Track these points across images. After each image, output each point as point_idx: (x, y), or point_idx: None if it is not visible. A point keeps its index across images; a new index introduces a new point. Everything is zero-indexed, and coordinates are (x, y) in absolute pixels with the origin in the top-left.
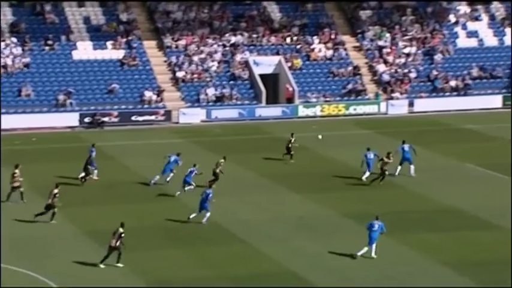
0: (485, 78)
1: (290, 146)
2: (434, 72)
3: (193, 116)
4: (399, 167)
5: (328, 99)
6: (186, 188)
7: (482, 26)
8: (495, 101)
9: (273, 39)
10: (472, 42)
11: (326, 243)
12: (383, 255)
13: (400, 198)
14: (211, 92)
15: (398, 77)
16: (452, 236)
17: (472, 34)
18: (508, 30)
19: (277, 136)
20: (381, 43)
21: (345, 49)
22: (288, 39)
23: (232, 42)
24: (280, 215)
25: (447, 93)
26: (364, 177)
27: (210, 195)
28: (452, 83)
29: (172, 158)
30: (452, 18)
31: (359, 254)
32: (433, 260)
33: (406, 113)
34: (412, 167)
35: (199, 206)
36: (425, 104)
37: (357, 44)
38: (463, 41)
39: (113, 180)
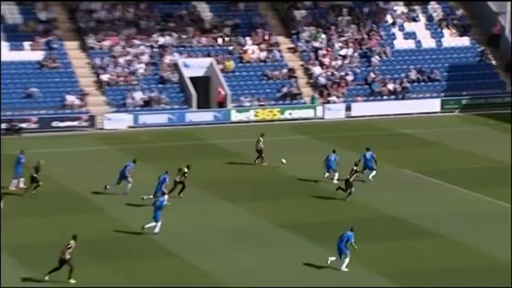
0: (423, 81)
1: (260, 148)
2: (372, 75)
3: (119, 122)
4: (360, 175)
5: (262, 103)
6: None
7: (419, 27)
8: (434, 104)
9: (203, 40)
10: (410, 44)
11: (260, 255)
12: (320, 265)
13: (338, 207)
14: (138, 96)
15: (334, 80)
16: (391, 245)
17: (410, 35)
18: (445, 31)
19: (209, 142)
20: (316, 44)
21: (279, 51)
22: (220, 40)
23: (160, 43)
24: (212, 226)
25: (385, 97)
26: (335, 180)
27: (164, 203)
28: (390, 86)
29: (128, 165)
30: (389, 18)
31: (329, 261)
32: (370, 270)
33: (343, 117)
34: (373, 173)
35: (154, 215)
36: (363, 108)
37: (292, 46)
38: (401, 43)
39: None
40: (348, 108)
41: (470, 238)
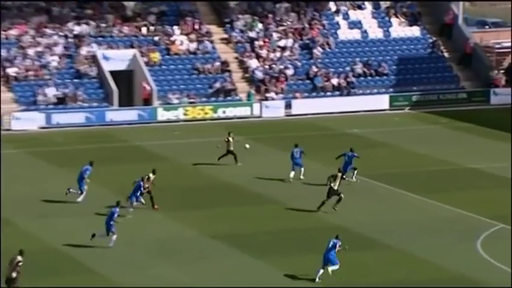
0: (370, 76)
1: (230, 147)
2: (314, 69)
3: (30, 122)
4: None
5: (192, 100)
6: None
7: (365, 16)
8: (382, 101)
9: (125, 29)
10: (355, 34)
11: (190, 270)
12: (252, 279)
13: (277, 216)
14: (51, 92)
15: (273, 74)
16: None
17: (355, 25)
18: (394, 20)
19: (133, 144)
20: (252, 35)
21: (211, 41)
22: (144, 30)
23: (76, 32)
24: (136, 238)
25: (328, 93)
26: (291, 176)
27: (116, 214)
28: (334, 81)
29: (86, 169)
30: (332, 6)
31: (317, 276)
32: (312, 284)
33: (282, 115)
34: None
35: (106, 226)
36: (305, 106)
37: (225, 36)
38: (345, 33)
39: None
40: (288, 106)
41: (419, 248)
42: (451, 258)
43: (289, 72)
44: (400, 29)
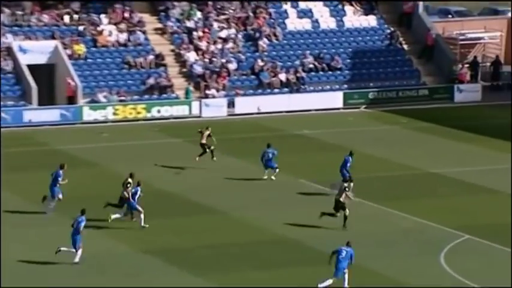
0: (322, 71)
1: (205, 142)
2: (260, 63)
3: None
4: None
5: (123, 98)
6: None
7: (316, 4)
8: (335, 99)
9: (45, 18)
10: (305, 24)
11: None
12: None
13: (217, 227)
14: None
15: (213, 68)
16: (285, 273)
17: (305, 14)
18: (348, 9)
19: (55, 148)
20: (190, 24)
21: (144, 32)
22: (67, 18)
23: None
24: (59, 255)
25: (276, 90)
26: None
27: (82, 223)
28: (282, 77)
29: (57, 173)
30: None
31: (321, 286)
32: None
33: (225, 115)
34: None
35: (71, 239)
36: (249, 104)
37: (160, 26)
38: (294, 23)
39: None
40: (231, 104)
41: (376, 263)
42: (412, 272)
43: (232, 66)
44: (355, 19)
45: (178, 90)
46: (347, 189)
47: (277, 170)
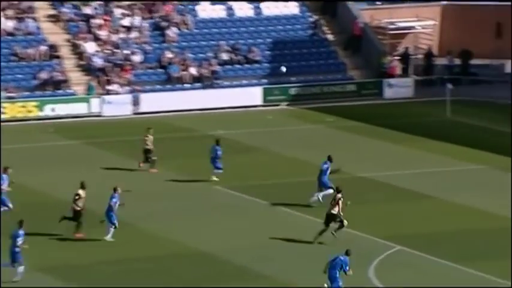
0: (238, 63)
1: (148, 148)
2: (168, 55)
3: None
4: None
5: (11, 94)
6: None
7: None
8: (252, 95)
9: None
10: (219, 12)
11: None
12: None
13: (124, 241)
14: None
15: (116, 61)
16: None
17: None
18: None
19: None
20: (88, 11)
21: (35, 19)
22: None
23: None
24: None
25: (187, 85)
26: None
27: (21, 237)
28: (194, 71)
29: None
30: None
31: None
32: None
33: (129, 114)
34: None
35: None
36: (157, 101)
37: (53, 12)
38: (206, 10)
39: None
40: (136, 102)
41: (301, 277)
42: None
43: (137, 58)
44: (274, 6)
45: (75, 86)
46: (341, 199)
47: (221, 171)
